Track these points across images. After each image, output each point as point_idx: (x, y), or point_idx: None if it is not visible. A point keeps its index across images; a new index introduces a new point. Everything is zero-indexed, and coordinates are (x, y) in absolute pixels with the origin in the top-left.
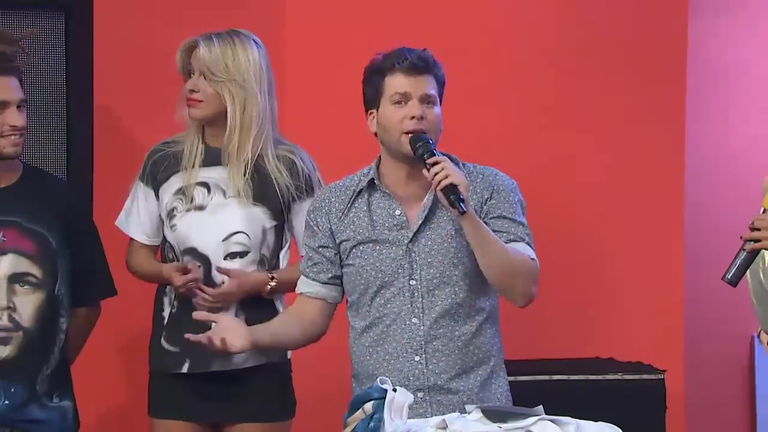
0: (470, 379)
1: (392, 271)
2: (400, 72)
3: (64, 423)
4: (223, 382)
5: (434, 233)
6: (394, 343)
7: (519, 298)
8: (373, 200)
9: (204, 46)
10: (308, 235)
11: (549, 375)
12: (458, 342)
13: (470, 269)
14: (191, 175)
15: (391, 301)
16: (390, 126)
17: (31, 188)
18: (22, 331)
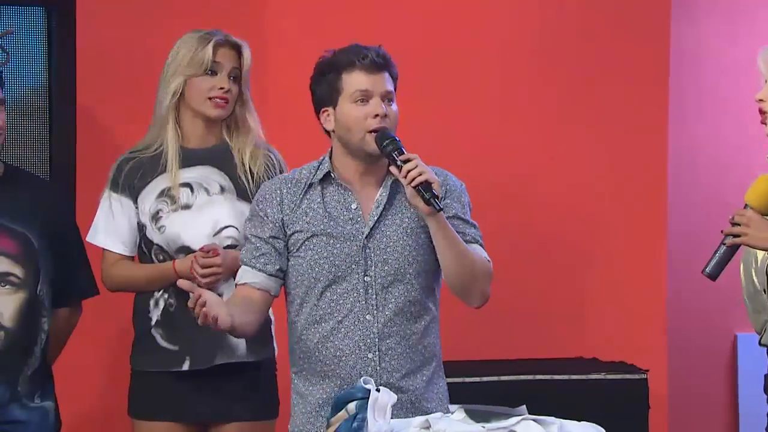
0: (417, 378)
1: (346, 266)
2: (360, 69)
3: (45, 423)
4: (210, 381)
5: (389, 230)
6: (346, 339)
7: (478, 298)
8: (327, 193)
9: (247, 48)
10: (255, 225)
11: (532, 375)
12: (409, 341)
13: (423, 268)
14: (172, 177)
15: (344, 297)
16: (353, 125)
17: (12, 188)
18: (3, 330)
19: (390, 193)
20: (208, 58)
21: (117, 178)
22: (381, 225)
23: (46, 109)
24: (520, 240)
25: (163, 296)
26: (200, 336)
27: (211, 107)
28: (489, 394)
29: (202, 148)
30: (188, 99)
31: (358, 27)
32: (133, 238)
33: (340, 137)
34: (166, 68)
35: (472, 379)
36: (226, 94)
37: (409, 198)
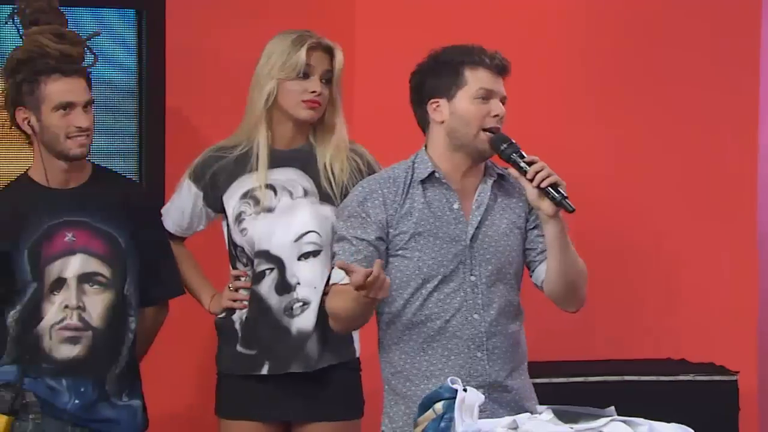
0: (518, 377)
1: (454, 266)
2: (486, 69)
3: (133, 421)
4: (295, 382)
5: (490, 230)
6: (454, 339)
7: (578, 303)
8: (429, 192)
9: (339, 51)
10: (355, 226)
11: (621, 376)
12: (510, 340)
13: (518, 269)
14: (260, 178)
15: (451, 296)
16: (471, 120)
17: (100, 188)
18: (91, 330)
19: (492, 193)
20: (301, 61)
21: (199, 170)
22: (483, 225)
23: (136, 110)
24: (609, 240)
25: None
26: (277, 344)
27: (304, 110)
28: (577, 395)
29: (288, 150)
30: (280, 101)
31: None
32: (186, 224)
33: (451, 130)
34: (260, 70)
35: (560, 379)
36: (318, 97)
37: (531, 200)
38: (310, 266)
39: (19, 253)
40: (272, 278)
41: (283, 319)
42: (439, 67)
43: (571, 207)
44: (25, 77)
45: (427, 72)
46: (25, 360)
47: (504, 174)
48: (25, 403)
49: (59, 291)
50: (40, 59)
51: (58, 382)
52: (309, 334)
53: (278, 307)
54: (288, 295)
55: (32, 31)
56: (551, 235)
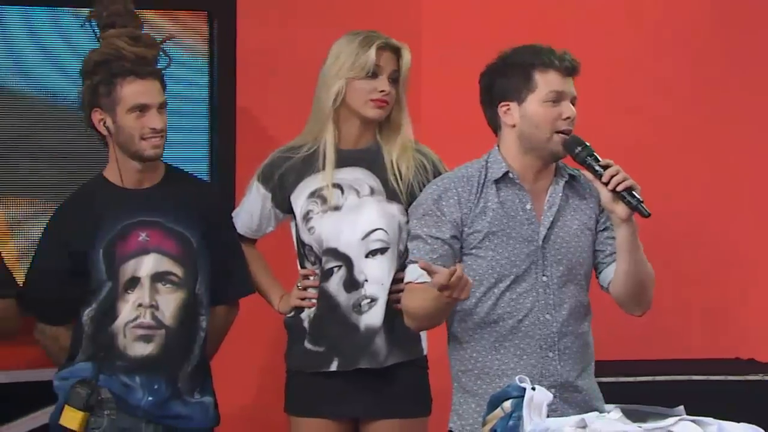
0: (588, 377)
1: (526, 266)
2: (556, 71)
3: (205, 417)
4: (363, 379)
5: (562, 231)
6: (527, 338)
7: (645, 306)
8: (502, 192)
9: (407, 51)
10: (429, 224)
11: (689, 375)
12: (580, 340)
13: (588, 270)
14: (327, 177)
15: (523, 296)
16: (542, 123)
17: (173, 189)
18: (164, 329)
19: (564, 194)
20: (371, 61)
21: (267, 171)
22: (554, 226)
23: (207, 112)
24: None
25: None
26: (345, 341)
27: (371, 109)
28: (645, 394)
29: (355, 149)
30: (348, 100)
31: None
32: (256, 226)
33: (522, 133)
34: (327, 70)
35: (628, 379)
36: (386, 97)
37: (605, 203)
38: (377, 263)
39: (94, 253)
40: (340, 276)
41: (351, 316)
42: (508, 69)
43: (647, 211)
44: (102, 79)
45: (496, 74)
46: (100, 357)
47: (575, 174)
48: (100, 400)
49: (133, 290)
50: (116, 62)
51: (132, 379)
52: (377, 330)
53: (346, 304)
54: (356, 292)
55: (108, 34)
56: (623, 238)
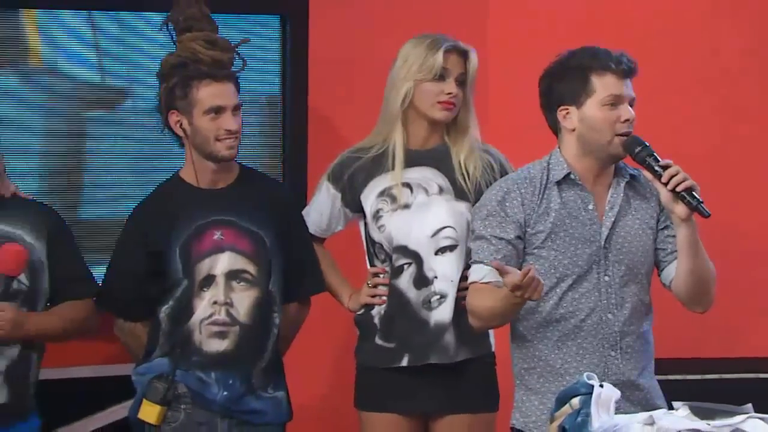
0: (649, 375)
1: (588, 266)
2: (613, 74)
3: (278, 412)
4: (433, 375)
5: (623, 230)
6: (589, 337)
7: (707, 304)
8: (564, 193)
9: (474, 54)
10: (494, 225)
11: (755, 373)
12: (641, 339)
13: (649, 269)
14: (396, 176)
15: (585, 296)
16: (601, 127)
17: (247, 189)
18: (238, 325)
19: (625, 195)
20: (438, 63)
21: (337, 171)
22: (616, 226)
23: (280, 113)
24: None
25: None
26: (415, 337)
27: (439, 110)
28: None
29: (423, 149)
30: (416, 102)
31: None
32: (326, 225)
33: (582, 137)
34: (396, 72)
35: (694, 376)
36: (453, 99)
37: (665, 203)
38: (446, 260)
39: (171, 251)
40: (410, 273)
41: (421, 312)
42: (565, 73)
43: (706, 212)
44: (178, 82)
45: (554, 78)
46: (176, 353)
47: (636, 174)
48: (177, 394)
49: (208, 288)
50: (192, 65)
51: (207, 375)
52: (446, 326)
53: (416, 300)
54: (426, 288)
55: (185, 38)
56: (683, 237)
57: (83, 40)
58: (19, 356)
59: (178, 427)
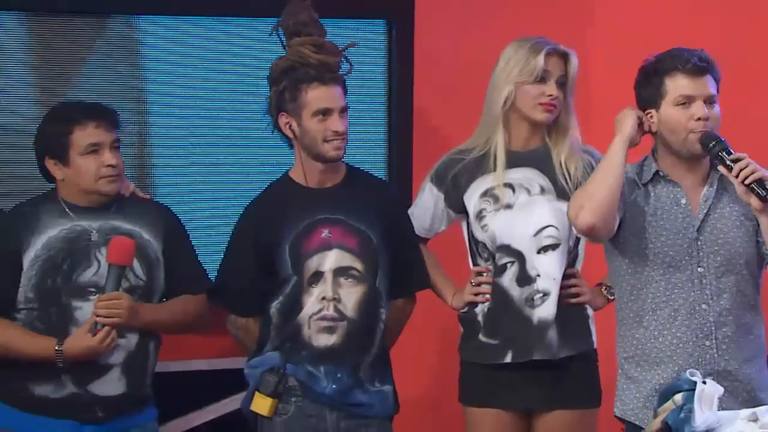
0: (752, 367)
1: (680, 257)
2: (683, 74)
3: (385, 405)
4: (536, 371)
5: (719, 223)
6: (683, 327)
7: None
8: (656, 190)
9: (574, 57)
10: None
11: None
12: (742, 330)
13: (749, 259)
14: (498, 177)
15: (679, 287)
16: (675, 127)
17: (354, 188)
18: (346, 320)
19: (718, 188)
20: (539, 66)
21: (441, 172)
22: (710, 219)
23: (385, 115)
24: None
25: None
26: (519, 334)
27: (540, 112)
28: None
29: (524, 150)
30: (517, 104)
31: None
32: (429, 225)
33: (662, 137)
34: (497, 75)
35: None
36: (553, 101)
37: (740, 195)
38: (549, 259)
39: (281, 249)
40: (513, 271)
41: (524, 310)
42: (645, 77)
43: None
44: (288, 85)
45: (638, 84)
46: (286, 347)
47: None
48: (287, 387)
49: (317, 284)
50: (301, 68)
51: (316, 369)
52: (549, 323)
53: (519, 298)
54: (529, 286)
55: (294, 42)
56: (764, 227)
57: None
58: (137, 348)
59: (289, 419)
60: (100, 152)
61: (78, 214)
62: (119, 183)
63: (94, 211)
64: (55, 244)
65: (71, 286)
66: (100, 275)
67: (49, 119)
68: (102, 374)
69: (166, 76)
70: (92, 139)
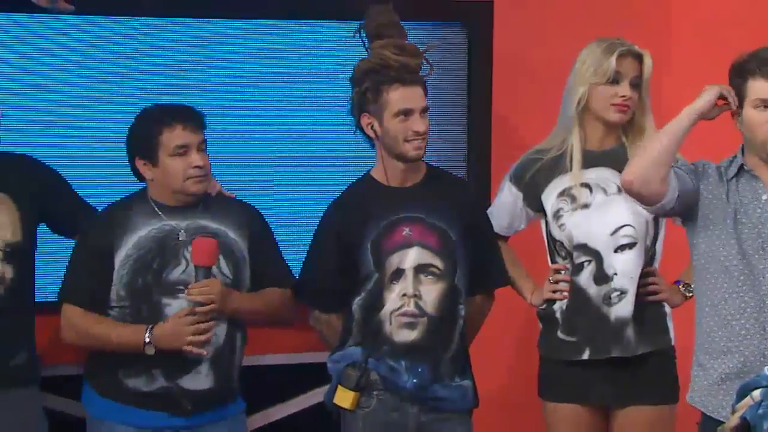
0: None
1: (753, 250)
2: (762, 77)
3: (464, 400)
4: (613, 367)
5: None
6: (751, 320)
7: None
8: (740, 185)
9: (648, 57)
10: (688, 172)
11: None
12: None
13: None
14: (575, 177)
15: (751, 279)
16: (754, 129)
17: (433, 187)
18: (426, 317)
19: None
20: (612, 68)
21: (519, 172)
22: None
23: (465, 116)
24: None
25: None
26: (596, 332)
27: (613, 113)
28: None
29: (600, 150)
30: (592, 105)
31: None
32: (508, 223)
33: (745, 137)
34: (573, 76)
35: None
36: (627, 101)
37: None
38: (626, 258)
39: (363, 246)
40: (590, 270)
41: (601, 308)
42: (731, 78)
43: None
44: (370, 86)
45: (729, 78)
46: (368, 343)
47: None
48: (369, 381)
49: (398, 281)
50: (382, 70)
51: (397, 363)
52: (627, 321)
53: (597, 296)
54: (606, 285)
55: (376, 44)
56: None
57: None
58: (224, 344)
59: (371, 412)
60: (187, 153)
61: (167, 214)
62: (206, 183)
63: (182, 211)
64: (146, 244)
65: (161, 284)
66: (189, 273)
67: (139, 120)
68: (191, 369)
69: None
70: (180, 141)
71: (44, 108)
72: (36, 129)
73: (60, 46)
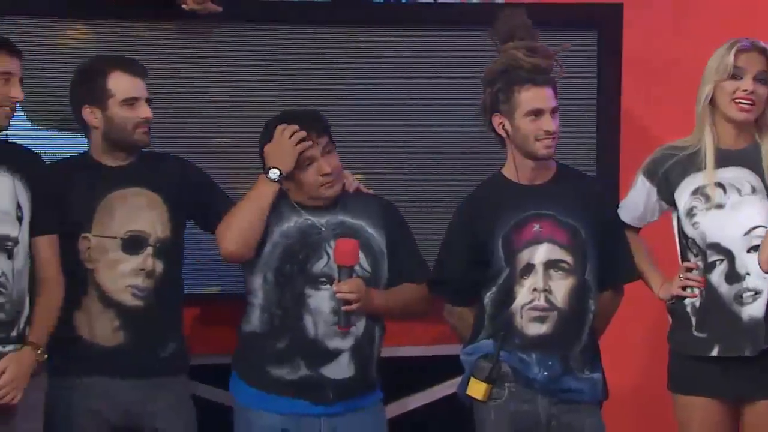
0: None
1: None
2: None
3: (594, 392)
4: (746, 362)
5: None
6: None
7: None
8: None
9: None
10: None
11: None
12: None
13: None
14: (709, 176)
15: None
16: None
17: (564, 185)
18: (556, 311)
19: None
20: (729, 64)
21: (652, 166)
22: None
23: (595, 115)
24: None
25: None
26: (728, 330)
27: (735, 110)
28: None
29: (734, 149)
30: (717, 102)
31: None
32: (641, 215)
33: None
34: (704, 74)
35: None
36: (750, 96)
37: None
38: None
39: (494, 242)
40: (722, 269)
41: (733, 307)
42: None
43: None
44: (501, 87)
45: None
46: (500, 335)
47: None
48: (501, 373)
49: (528, 276)
50: (514, 71)
51: (528, 356)
52: (760, 321)
53: (728, 295)
54: (738, 284)
55: (508, 46)
56: None
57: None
58: (364, 334)
59: (503, 403)
60: (315, 162)
61: (307, 211)
62: (338, 186)
63: (321, 209)
64: (292, 234)
65: (305, 275)
66: (330, 267)
67: (268, 128)
68: (333, 359)
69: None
70: (307, 152)
71: (192, 111)
72: (182, 132)
73: (205, 51)
